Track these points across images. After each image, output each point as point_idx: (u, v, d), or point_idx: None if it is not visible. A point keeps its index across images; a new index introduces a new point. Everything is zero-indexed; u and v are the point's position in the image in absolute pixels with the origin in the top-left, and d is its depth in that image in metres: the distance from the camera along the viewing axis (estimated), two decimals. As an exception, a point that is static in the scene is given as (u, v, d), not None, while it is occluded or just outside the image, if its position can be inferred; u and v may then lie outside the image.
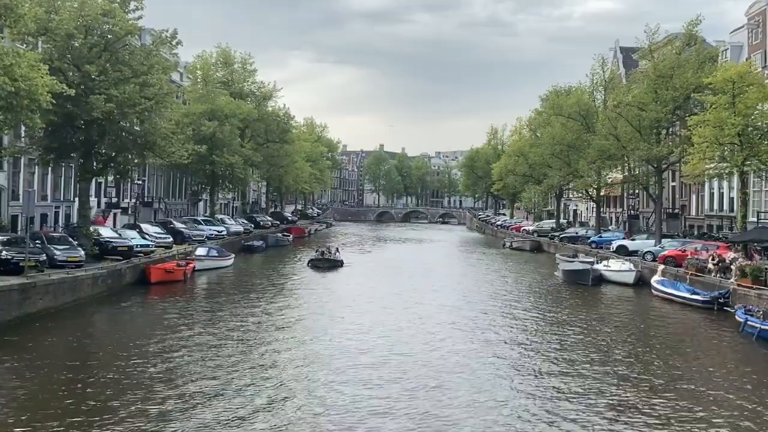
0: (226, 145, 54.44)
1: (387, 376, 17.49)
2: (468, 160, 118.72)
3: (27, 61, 23.34)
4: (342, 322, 25.20)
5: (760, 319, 22.72)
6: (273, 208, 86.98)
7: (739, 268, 28.71)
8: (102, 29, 31.89)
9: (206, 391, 15.72)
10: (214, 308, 27.54)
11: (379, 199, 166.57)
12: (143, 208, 50.99)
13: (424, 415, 14.53)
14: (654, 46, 44.90)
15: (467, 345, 21.53)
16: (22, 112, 23.91)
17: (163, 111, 34.65)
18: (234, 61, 68.52)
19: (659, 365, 19.51)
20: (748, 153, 33.26)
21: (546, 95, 65.56)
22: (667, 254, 36.85)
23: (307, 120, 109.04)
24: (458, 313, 27.56)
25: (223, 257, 42.34)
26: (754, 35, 44.49)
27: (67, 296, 25.94)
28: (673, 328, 26.07)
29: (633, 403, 15.64)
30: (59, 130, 31.77)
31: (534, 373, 18.25)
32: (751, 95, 32.79)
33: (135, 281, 32.41)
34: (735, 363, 20.52)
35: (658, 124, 43.09)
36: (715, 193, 47.28)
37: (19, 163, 36.54)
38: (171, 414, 14.13)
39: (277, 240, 61.89)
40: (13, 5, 23.23)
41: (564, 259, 44.89)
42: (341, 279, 39.01)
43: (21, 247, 25.47)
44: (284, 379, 16.97)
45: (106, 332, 23.69)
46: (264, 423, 13.80)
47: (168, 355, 19.12)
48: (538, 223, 73.97)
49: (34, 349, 19.42)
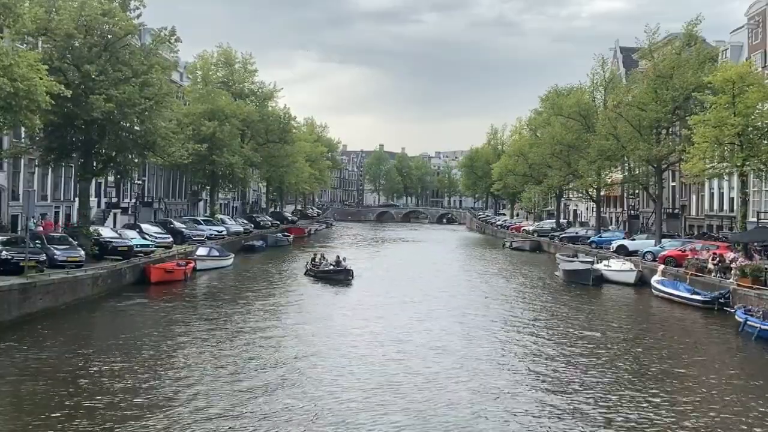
0: (226, 145, 54.48)
1: (388, 371, 17.53)
2: (468, 160, 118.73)
3: (26, 62, 23.34)
4: (342, 323, 25.21)
5: (760, 319, 22.72)
6: (273, 208, 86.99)
7: (739, 268, 28.70)
8: (102, 29, 31.92)
9: (206, 390, 15.71)
10: (214, 308, 27.53)
11: (379, 199, 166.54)
12: (143, 208, 50.99)
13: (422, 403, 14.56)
14: (654, 46, 44.90)
15: (470, 344, 21.55)
16: (21, 112, 23.91)
17: (163, 111, 34.66)
18: (235, 61, 68.46)
19: (659, 365, 19.49)
20: (748, 153, 33.24)
21: (546, 95, 65.53)
22: (667, 254, 36.84)
23: (308, 120, 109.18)
24: (460, 313, 27.58)
25: (223, 257, 42.35)
26: (754, 35, 44.47)
27: (67, 296, 25.94)
28: (673, 328, 26.08)
29: (633, 403, 15.62)
30: (59, 130, 31.81)
31: (534, 372, 18.24)
32: (751, 95, 32.77)
33: (135, 281, 32.40)
34: (735, 363, 20.52)
35: (658, 124, 43.09)
36: (715, 193, 47.28)
37: (19, 163, 36.56)
38: (171, 414, 14.12)
39: (276, 240, 61.88)
40: (11, 4, 23.25)
41: (564, 259, 44.88)
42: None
43: (21, 247, 25.47)
44: (284, 379, 16.95)
45: (106, 332, 23.67)
46: (263, 423, 13.80)
47: (168, 355, 19.14)
48: (538, 223, 73.97)
49: (34, 349, 19.41)
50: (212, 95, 57.19)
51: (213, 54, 66.86)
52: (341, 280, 35.88)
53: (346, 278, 36.14)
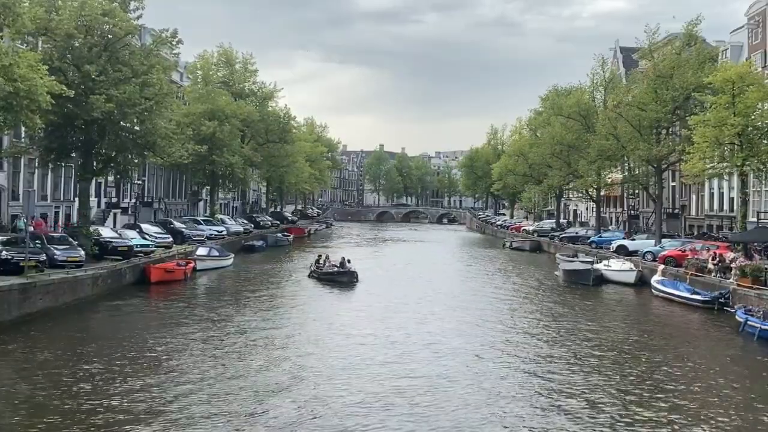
0: (226, 145, 54.50)
1: (392, 370, 17.54)
2: (468, 160, 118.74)
3: (26, 61, 23.34)
4: (342, 324, 25.19)
5: (761, 319, 22.71)
6: (273, 208, 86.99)
7: (739, 268, 28.70)
8: (102, 29, 31.94)
9: (206, 390, 15.71)
10: (214, 308, 27.52)
11: (379, 199, 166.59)
12: (143, 208, 51.00)
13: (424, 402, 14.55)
14: (654, 46, 44.91)
15: (473, 346, 21.55)
16: (21, 112, 23.92)
17: (163, 111, 34.65)
18: (235, 61, 68.46)
19: (659, 365, 19.48)
20: (748, 153, 33.26)
21: (546, 95, 65.55)
22: (667, 254, 36.83)
23: (308, 120, 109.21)
24: (461, 314, 27.59)
25: (223, 257, 42.35)
26: (754, 35, 44.48)
27: (67, 296, 25.94)
28: (673, 328, 26.06)
29: (633, 403, 15.61)
30: (59, 130, 31.82)
31: (535, 371, 18.24)
32: (751, 95, 32.78)
33: (135, 281, 32.39)
34: (736, 363, 20.48)
35: (658, 124, 43.10)
36: (715, 193, 47.28)
37: (19, 163, 36.57)
38: (171, 414, 14.12)
39: (276, 240, 61.86)
40: (11, 4, 23.24)
41: (564, 259, 44.87)
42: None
43: (21, 247, 25.47)
44: (285, 380, 16.95)
45: (106, 332, 23.66)
46: (264, 424, 13.79)
47: (168, 356, 19.13)
48: (538, 223, 73.96)
49: (34, 349, 19.41)
50: (212, 95, 57.14)
51: (213, 54, 66.87)
52: (345, 282, 34.72)
53: (350, 280, 34.98)
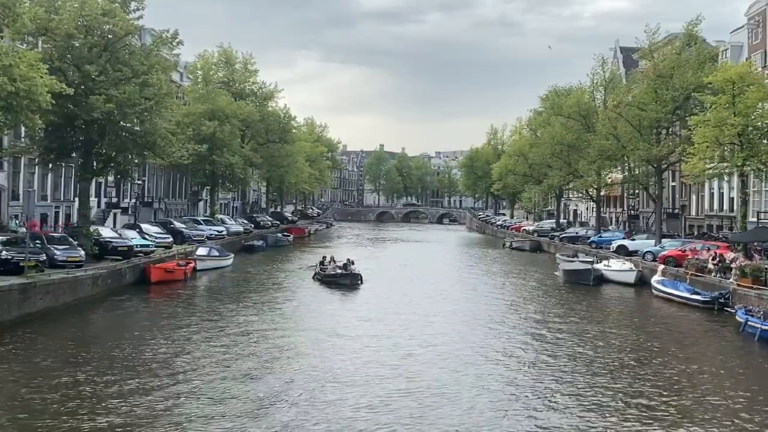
0: (226, 145, 54.53)
1: (392, 372, 17.53)
2: (468, 160, 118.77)
3: (26, 61, 23.33)
4: (343, 324, 25.19)
5: (761, 319, 22.69)
6: (273, 208, 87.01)
7: (739, 268, 28.70)
8: (102, 29, 31.94)
9: (206, 390, 15.70)
10: (214, 308, 27.51)
11: (379, 199, 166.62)
12: (143, 208, 51.03)
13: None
14: (654, 46, 44.90)
15: (475, 347, 21.56)
16: (21, 112, 23.91)
17: (163, 111, 34.65)
18: (235, 61, 68.48)
19: (659, 365, 19.47)
20: (748, 153, 33.24)
21: (546, 95, 65.52)
22: (667, 254, 36.84)
23: (308, 120, 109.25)
24: (461, 315, 27.61)
25: (223, 257, 42.35)
26: (754, 35, 44.48)
27: (67, 296, 25.93)
28: (673, 328, 26.03)
29: (633, 403, 15.61)
30: (59, 130, 31.81)
31: (534, 371, 18.25)
32: (751, 95, 32.77)
33: (135, 281, 32.39)
34: (736, 363, 20.46)
35: (658, 124, 43.10)
36: (715, 193, 47.28)
37: (19, 163, 36.59)
38: (171, 415, 14.12)
39: (276, 240, 61.87)
40: (11, 4, 23.23)
41: (564, 259, 44.87)
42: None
43: (21, 247, 25.47)
44: (287, 380, 16.94)
45: (106, 332, 23.67)
46: (266, 425, 13.79)
47: (168, 356, 19.12)
48: (538, 223, 73.96)
49: (34, 349, 19.40)
50: (212, 95, 57.18)
51: (213, 54, 66.96)
52: (347, 285, 33.87)
53: (354, 282, 34.13)
